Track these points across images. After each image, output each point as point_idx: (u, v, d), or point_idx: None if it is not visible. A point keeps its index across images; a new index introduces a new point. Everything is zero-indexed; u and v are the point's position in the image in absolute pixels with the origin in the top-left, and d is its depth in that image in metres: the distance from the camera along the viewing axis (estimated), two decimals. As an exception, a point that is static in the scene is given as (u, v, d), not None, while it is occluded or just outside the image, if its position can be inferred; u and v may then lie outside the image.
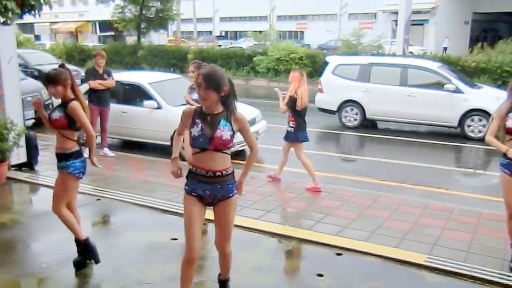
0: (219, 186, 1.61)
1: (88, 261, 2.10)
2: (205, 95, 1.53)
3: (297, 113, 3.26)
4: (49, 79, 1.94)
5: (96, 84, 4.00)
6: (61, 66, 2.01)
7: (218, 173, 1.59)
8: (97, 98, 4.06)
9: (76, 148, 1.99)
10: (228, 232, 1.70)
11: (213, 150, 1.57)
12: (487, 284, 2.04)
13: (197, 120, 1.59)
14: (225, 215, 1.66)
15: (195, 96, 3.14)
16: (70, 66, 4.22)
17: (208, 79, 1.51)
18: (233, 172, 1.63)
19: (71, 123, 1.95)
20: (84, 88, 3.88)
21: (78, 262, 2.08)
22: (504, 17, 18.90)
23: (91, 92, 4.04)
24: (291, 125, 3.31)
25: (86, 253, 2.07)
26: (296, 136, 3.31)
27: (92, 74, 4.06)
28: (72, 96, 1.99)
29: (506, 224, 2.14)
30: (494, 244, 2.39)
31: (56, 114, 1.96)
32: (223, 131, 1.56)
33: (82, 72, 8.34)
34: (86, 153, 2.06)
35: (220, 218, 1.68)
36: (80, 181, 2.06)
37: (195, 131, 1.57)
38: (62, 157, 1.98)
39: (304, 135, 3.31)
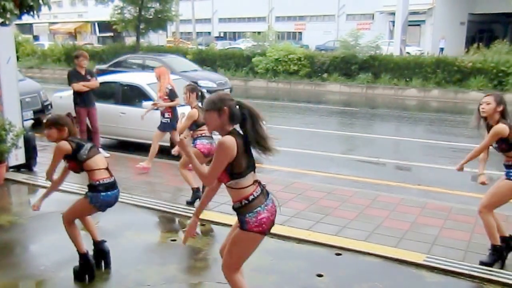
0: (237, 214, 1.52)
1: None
2: (205, 118, 1.52)
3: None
4: (47, 122, 1.97)
5: (80, 86, 3.95)
6: (68, 115, 2.02)
7: (233, 205, 1.52)
8: (83, 99, 4.02)
9: (105, 181, 1.95)
10: (225, 258, 1.56)
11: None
12: (485, 283, 2.05)
13: None
14: (230, 241, 1.57)
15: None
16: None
17: (205, 102, 1.52)
18: (241, 207, 1.48)
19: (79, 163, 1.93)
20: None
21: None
22: (499, 18, 19.03)
23: (76, 94, 4.00)
24: (167, 116, 3.69)
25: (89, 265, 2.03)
26: (171, 125, 3.67)
27: (74, 76, 3.99)
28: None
29: (491, 219, 2.14)
30: (492, 243, 2.40)
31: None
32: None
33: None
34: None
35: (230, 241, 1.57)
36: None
37: None
38: (88, 188, 1.98)
39: (175, 124, 3.61)
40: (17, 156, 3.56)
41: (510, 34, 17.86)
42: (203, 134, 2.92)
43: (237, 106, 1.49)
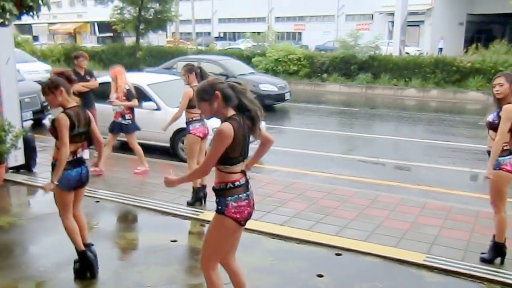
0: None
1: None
2: (198, 108, 1.54)
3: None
4: (42, 90, 1.93)
5: (79, 87, 3.93)
6: (59, 74, 1.96)
7: (216, 186, 1.50)
8: (82, 100, 4.00)
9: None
10: (202, 251, 1.55)
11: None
12: (485, 282, 2.05)
13: None
14: (207, 230, 1.57)
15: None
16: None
17: (196, 91, 1.52)
18: (228, 189, 1.47)
19: (57, 135, 1.90)
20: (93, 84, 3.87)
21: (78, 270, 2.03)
22: (498, 18, 19.10)
23: (75, 95, 4.05)
24: (128, 117, 3.65)
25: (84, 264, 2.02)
26: (135, 126, 3.68)
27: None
28: (72, 104, 1.94)
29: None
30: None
31: (50, 125, 1.94)
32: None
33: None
34: (89, 162, 2.05)
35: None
36: (74, 192, 1.95)
37: None
38: (51, 167, 1.94)
39: (137, 125, 3.67)
40: (17, 157, 3.55)
41: (508, 35, 17.89)
42: (194, 118, 2.91)
43: (230, 87, 1.47)
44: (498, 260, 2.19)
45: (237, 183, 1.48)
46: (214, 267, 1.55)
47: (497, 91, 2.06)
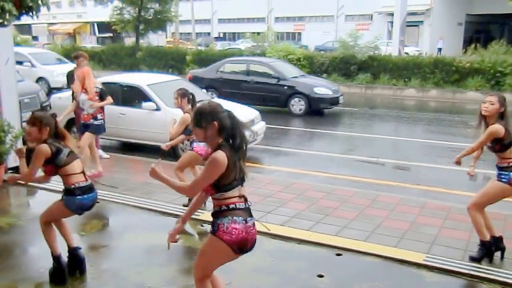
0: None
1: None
2: (192, 131, 1.51)
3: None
4: (30, 119, 1.92)
5: (79, 87, 3.96)
6: (52, 115, 1.96)
7: (212, 210, 1.50)
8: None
9: (81, 184, 1.93)
10: (197, 259, 1.53)
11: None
12: (485, 282, 2.06)
13: None
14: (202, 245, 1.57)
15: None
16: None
17: (194, 114, 1.48)
18: (223, 211, 1.45)
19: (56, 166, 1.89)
20: (108, 101, 3.69)
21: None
22: (496, 19, 19.18)
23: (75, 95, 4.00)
24: (100, 117, 3.55)
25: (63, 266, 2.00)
26: (104, 127, 3.61)
27: (74, 77, 3.99)
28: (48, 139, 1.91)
29: (481, 217, 2.18)
30: (491, 243, 2.41)
31: (24, 146, 1.98)
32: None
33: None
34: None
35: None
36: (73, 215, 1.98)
37: None
38: (64, 192, 1.96)
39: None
40: (16, 158, 3.54)
41: (507, 35, 17.95)
42: None
43: (229, 118, 1.44)
44: (498, 258, 2.19)
45: (232, 206, 1.44)
46: (205, 282, 1.54)
47: (485, 107, 2.10)
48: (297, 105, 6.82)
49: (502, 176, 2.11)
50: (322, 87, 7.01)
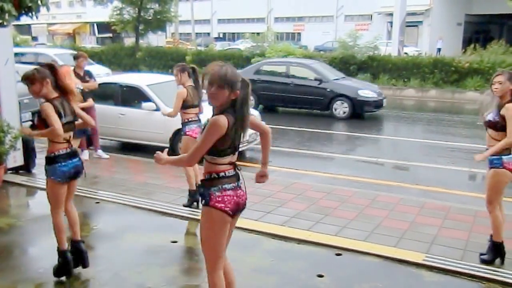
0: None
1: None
2: (215, 93, 1.41)
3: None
4: (24, 79, 1.89)
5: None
6: (44, 65, 1.94)
7: (203, 178, 1.50)
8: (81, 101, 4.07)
9: (61, 152, 1.90)
10: (203, 252, 1.52)
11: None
12: (484, 282, 2.06)
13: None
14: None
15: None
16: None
17: (223, 77, 1.40)
18: (212, 179, 1.46)
19: (47, 126, 1.87)
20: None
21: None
22: (495, 19, 19.18)
23: None
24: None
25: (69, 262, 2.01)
26: (85, 130, 3.50)
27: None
28: (55, 95, 1.91)
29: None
30: (490, 243, 2.42)
31: (36, 119, 1.92)
32: None
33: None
34: (83, 156, 2.05)
35: None
36: (68, 185, 1.96)
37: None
38: (45, 161, 1.94)
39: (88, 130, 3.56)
40: (16, 158, 3.54)
41: (506, 35, 17.98)
42: (190, 119, 2.87)
43: (246, 88, 1.43)
44: (497, 259, 2.20)
45: (221, 174, 1.45)
46: (217, 268, 1.51)
47: (495, 88, 2.05)
48: (340, 108, 6.60)
49: (495, 162, 2.07)
50: (366, 90, 6.74)
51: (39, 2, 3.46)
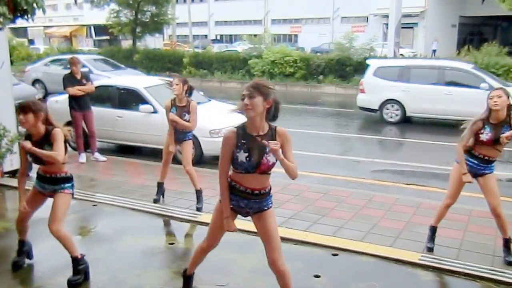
0: (256, 201, 1.64)
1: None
2: (250, 104, 1.49)
3: None
4: (21, 108, 1.92)
5: (75, 91, 3.98)
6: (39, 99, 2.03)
7: (257, 192, 1.61)
8: (78, 103, 4.05)
9: (69, 173, 2.03)
10: (274, 243, 1.64)
11: (258, 173, 1.58)
12: (478, 280, 2.09)
13: (242, 142, 1.53)
14: (264, 226, 1.65)
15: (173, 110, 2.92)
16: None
17: (255, 86, 1.49)
18: (270, 189, 1.66)
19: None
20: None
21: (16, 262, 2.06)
22: (489, 21, 19.42)
23: (71, 98, 4.03)
24: None
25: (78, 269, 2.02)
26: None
27: (69, 80, 4.03)
28: (43, 132, 1.95)
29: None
30: (484, 241, 2.45)
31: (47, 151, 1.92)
32: (270, 156, 1.53)
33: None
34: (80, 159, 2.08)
35: (261, 230, 1.67)
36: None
37: (242, 156, 1.53)
38: (62, 181, 2.02)
39: None
40: (12, 162, 3.52)
41: (499, 36, 18.21)
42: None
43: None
44: (496, 259, 2.21)
45: (233, 184, 1.63)
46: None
47: (495, 102, 2.07)
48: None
49: (493, 169, 2.14)
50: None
51: (34, 4, 3.46)
